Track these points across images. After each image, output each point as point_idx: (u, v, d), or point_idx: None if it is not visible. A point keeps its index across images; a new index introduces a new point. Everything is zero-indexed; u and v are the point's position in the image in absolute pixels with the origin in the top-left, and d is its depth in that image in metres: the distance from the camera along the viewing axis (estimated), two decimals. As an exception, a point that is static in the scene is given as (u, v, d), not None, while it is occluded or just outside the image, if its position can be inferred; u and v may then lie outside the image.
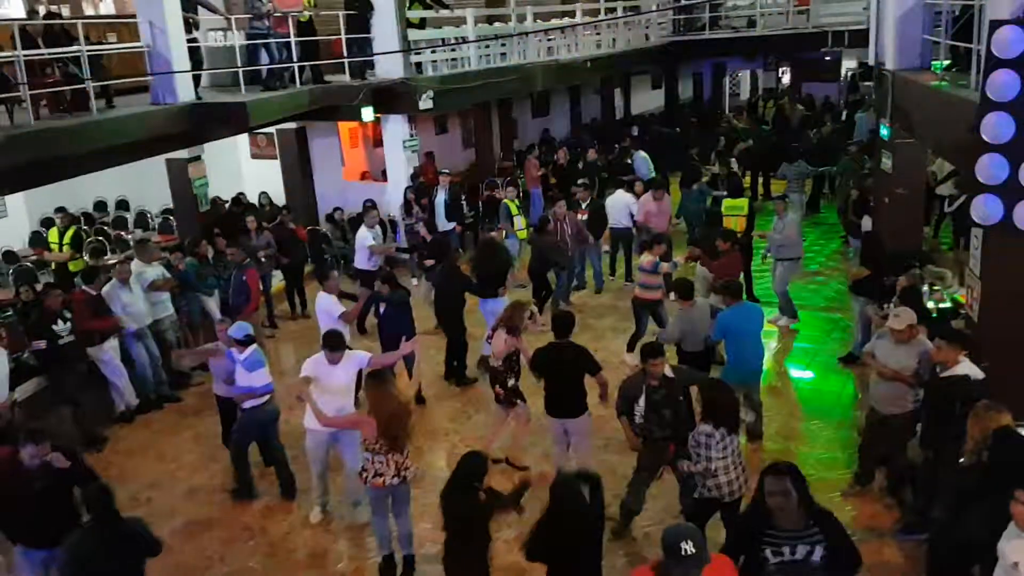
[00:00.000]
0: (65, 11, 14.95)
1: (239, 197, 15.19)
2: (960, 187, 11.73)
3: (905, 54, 10.28)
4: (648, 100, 25.38)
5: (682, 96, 25.23)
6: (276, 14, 11.94)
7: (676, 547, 3.76)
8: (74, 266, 12.22)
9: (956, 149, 7.71)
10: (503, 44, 16.15)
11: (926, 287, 8.58)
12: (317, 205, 15.27)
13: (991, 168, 5.69)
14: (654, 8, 21.66)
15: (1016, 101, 5.62)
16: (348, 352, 7.08)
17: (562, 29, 17.46)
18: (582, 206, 12.47)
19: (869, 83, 12.30)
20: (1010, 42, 5.55)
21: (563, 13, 19.07)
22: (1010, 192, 5.68)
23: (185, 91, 10.59)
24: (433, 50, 14.45)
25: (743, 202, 11.83)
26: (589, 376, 7.11)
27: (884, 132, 11.05)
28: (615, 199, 12.75)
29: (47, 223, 14.38)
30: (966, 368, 5.92)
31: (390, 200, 13.99)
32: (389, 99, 13.38)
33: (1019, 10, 6.35)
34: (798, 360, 10.12)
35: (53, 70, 9.78)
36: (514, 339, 7.65)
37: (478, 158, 17.72)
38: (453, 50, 14.95)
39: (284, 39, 11.96)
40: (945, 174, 12.65)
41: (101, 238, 14.33)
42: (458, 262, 10.41)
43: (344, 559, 6.83)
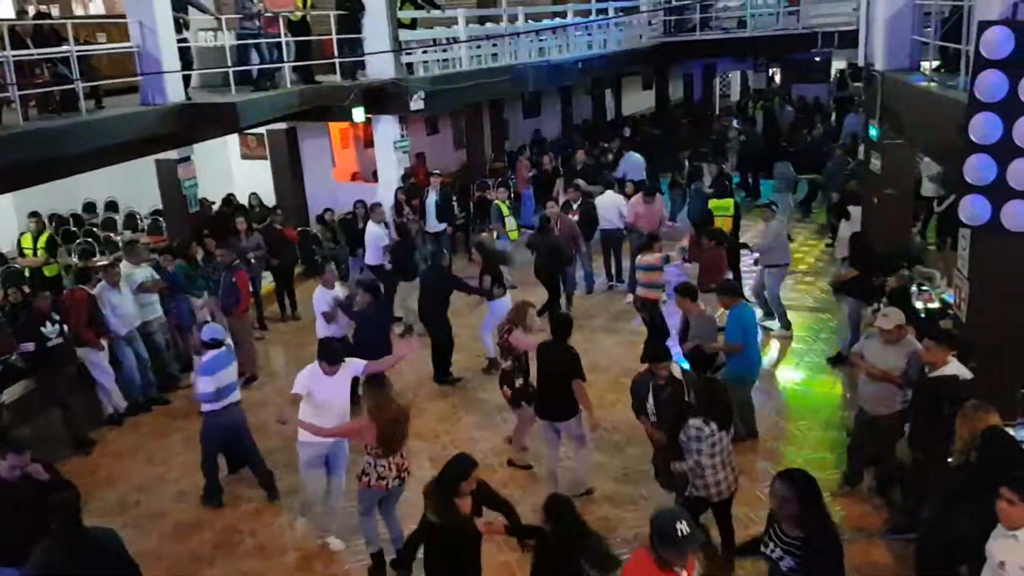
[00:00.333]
0: (55, 11, 14.90)
1: (229, 198, 15.14)
2: (948, 187, 11.78)
3: (894, 55, 10.33)
4: (639, 101, 25.43)
5: (673, 97, 25.29)
6: (267, 14, 11.91)
7: (672, 529, 3.89)
8: (49, 271, 12.17)
9: (945, 150, 7.74)
10: (494, 45, 16.15)
11: (915, 287, 8.61)
12: (307, 206, 15.24)
13: (979, 169, 5.71)
14: (643, 9, 21.71)
15: (1004, 102, 5.64)
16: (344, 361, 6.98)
17: (553, 30, 17.47)
18: (573, 207, 12.48)
19: (859, 83, 12.33)
20: (998, 43, 5.57)
21: (554, 14, 19.08)
22: (998, 192, 5.69)
23: (175, 92, 10.55)
24: (424, 51, 14.45)
25: (729, 202, 11.89)
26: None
27: (873, 133, 11.08)
28: (605, 200, 12.73)
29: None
30: (954, 368, 5.94)
31: (381, 201, 13.95)
32: (380, 100, 13.33)
33: (1008, 11, 6.38)
34: (787, 361, 10.13)
35: (42, 70, 9.72)
36: (530, 336, 7.63)
37: (469, 159, 17.73)
38: (444, 51, 14.94)
39: (275, 39, 11.93)
40: (931, 175, 12.69)
41: (90, 239, 14.27)
42: (444, 263, 10.41)
43: (335, 561, 6.80)
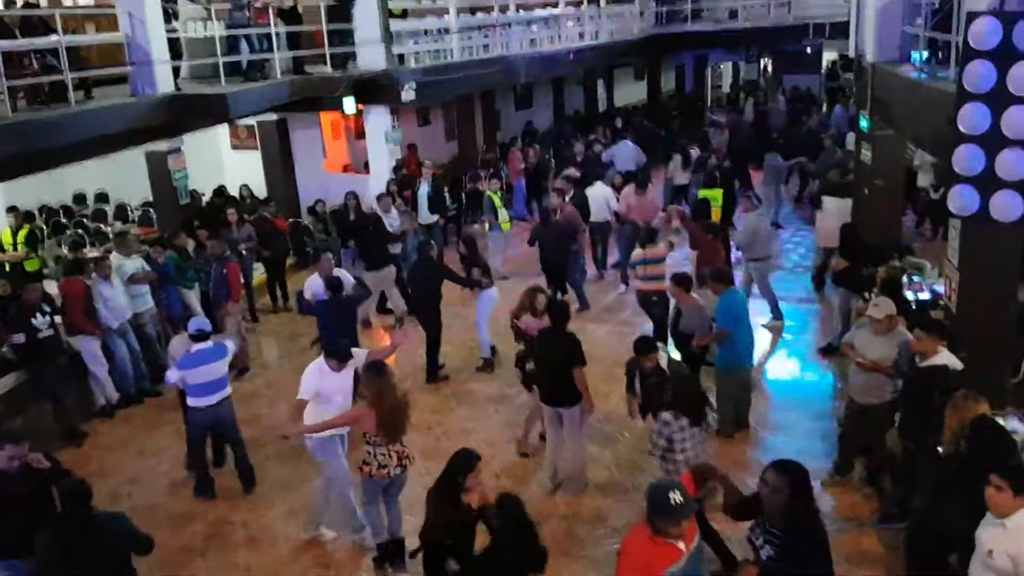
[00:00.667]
0: (43, 1, 14.77)
1: (220, 189, 15.08)
2: (940, 178, 11.81)
3: (885, 46, 10.33)
4: (631, 92, 25.39)
5: (665, 88, 25.26)
6: (256, 4, 11.85)
7: (666, 499, 3.90)
8: (29, 265, 12.11)
9: (935, 141, 7.76)
10: (486, 35, 16.08)
11: (905, 278, 8.64)
12: (299, 197, 15.18)
13: (967, 159, 5.71)
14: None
15: (993, 92, 5.65)
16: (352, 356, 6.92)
17: (545, 20, 17.42)
18: (565, 199, 12.45)
19: (849, 74, 12.36)
20: (986, 33, 5.56)
21: (545, 4, 19.03)
22: (986, 183, 5.70)
23: (164, 82, 10.51)
24: (416, 41, 14.39)
25: (717, 193, 11.89)
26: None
27: (864, 124, 11.10)
28: (594, 192, 12.64)
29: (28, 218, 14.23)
30: (945, 358, 5.97)
31: (372, 192, 13.93)
32: (371, 90, 13.30)
33: (995, 2, 6.40)
34: (778, 351, 10.16)
35: (31, 61, 9.65)
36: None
37: (461, 150, 17.68)
38: (436, 41, 14.88)
39: (264, 29, 11.87)
40: (920, 164, 12.73)
41: (80, 231, 14.21)
42: (432, 253, 10.36)
43: (326, 551, 6.80)
